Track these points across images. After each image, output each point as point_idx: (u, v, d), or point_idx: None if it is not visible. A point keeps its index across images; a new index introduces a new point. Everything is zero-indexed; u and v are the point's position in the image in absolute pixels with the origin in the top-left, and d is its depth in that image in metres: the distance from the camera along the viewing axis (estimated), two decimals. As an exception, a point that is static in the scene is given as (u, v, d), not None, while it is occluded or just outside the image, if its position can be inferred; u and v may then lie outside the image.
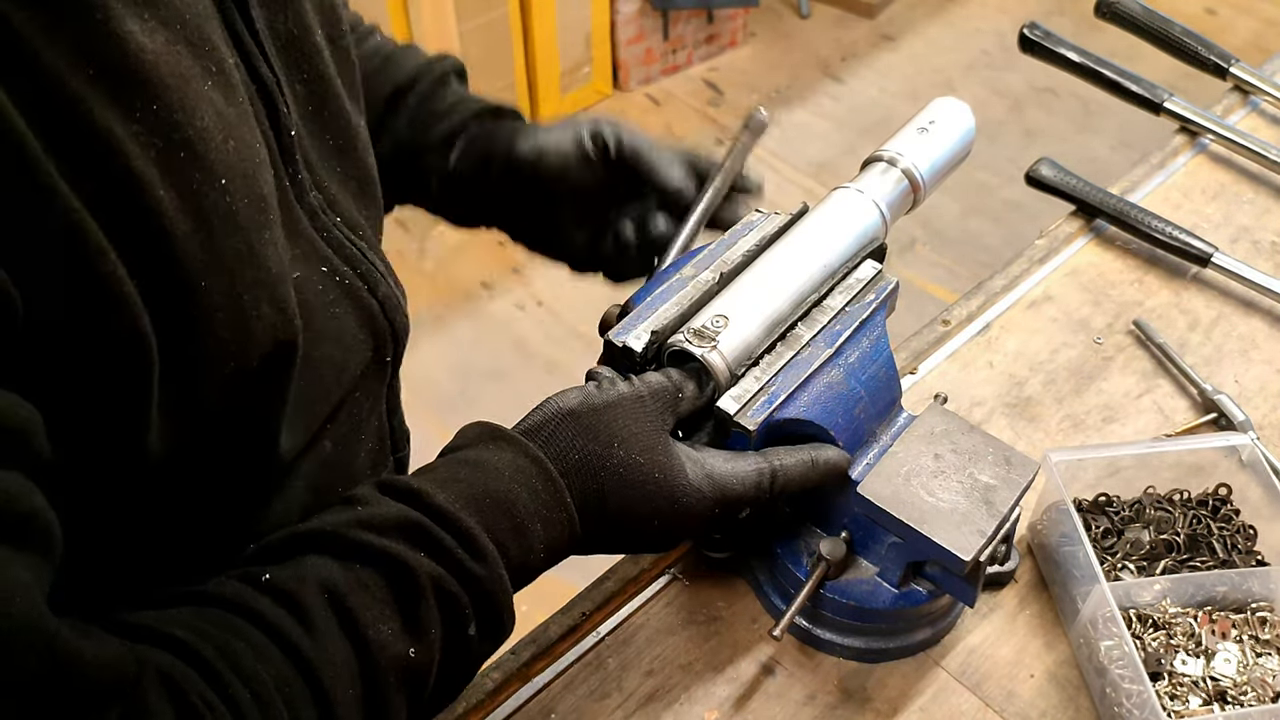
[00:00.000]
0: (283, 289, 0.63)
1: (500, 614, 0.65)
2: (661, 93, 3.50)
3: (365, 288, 0.75)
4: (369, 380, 0.78)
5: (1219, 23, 3.73)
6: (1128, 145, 3.21)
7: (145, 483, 0.60)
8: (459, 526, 0.63)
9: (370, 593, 0.60)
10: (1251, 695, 0.82)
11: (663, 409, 0.72)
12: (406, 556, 0.61)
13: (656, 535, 0.73)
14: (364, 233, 0.76)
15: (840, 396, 0.79)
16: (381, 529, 0.62)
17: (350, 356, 0.74)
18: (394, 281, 0.79)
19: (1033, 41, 1.35)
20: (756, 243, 0.83)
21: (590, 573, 0.92)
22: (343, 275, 0.73)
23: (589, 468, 0.69)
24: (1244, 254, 1.19)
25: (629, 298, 0.81)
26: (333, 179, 0.75)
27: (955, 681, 0.86)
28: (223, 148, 0.58)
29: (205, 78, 0.58)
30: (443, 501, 0.63)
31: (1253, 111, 1.37)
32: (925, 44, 3.73)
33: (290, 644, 0.57)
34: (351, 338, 0.74)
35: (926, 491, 0.77)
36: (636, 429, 0.70)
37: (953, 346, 1.10)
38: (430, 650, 0.61)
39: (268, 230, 0.61)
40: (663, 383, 0.73)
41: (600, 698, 0.84)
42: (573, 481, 0.68)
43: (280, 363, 0.64)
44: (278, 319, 0.62)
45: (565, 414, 0.70)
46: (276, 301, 0.62)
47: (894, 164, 0.86)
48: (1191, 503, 0.94)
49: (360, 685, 0.58)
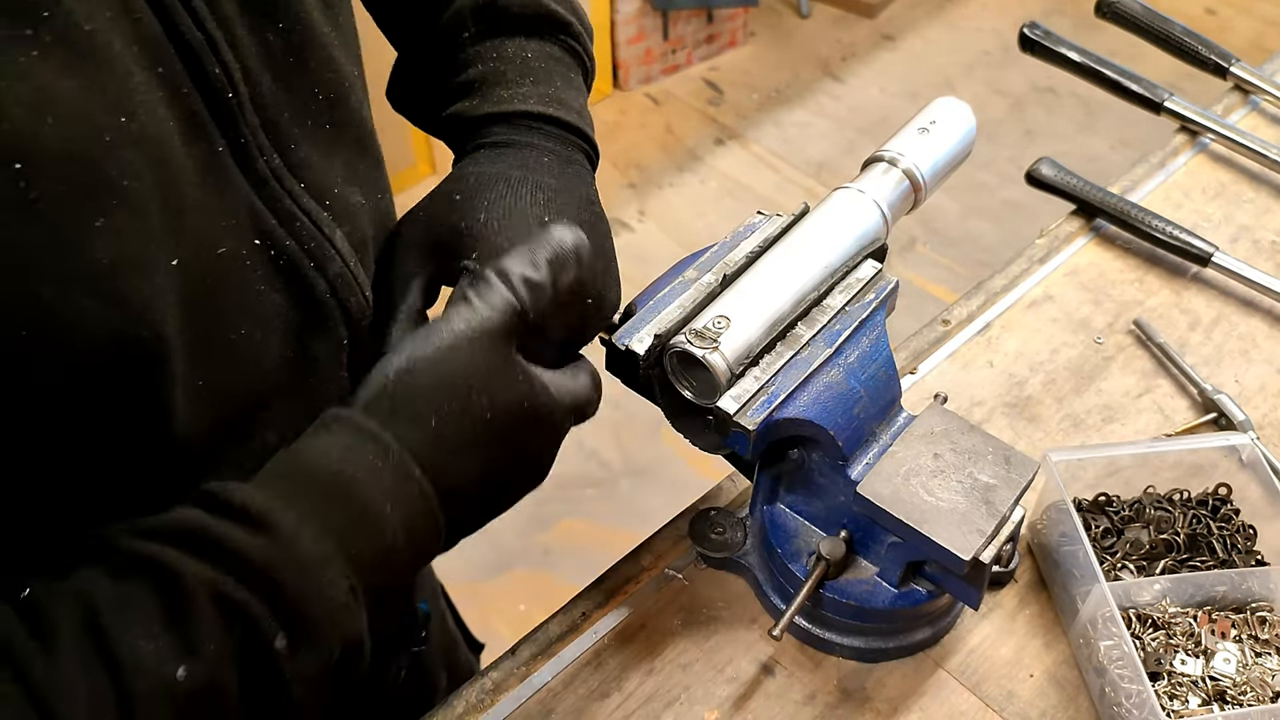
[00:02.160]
0: (122, 281, 0.55)
1: (313, 617, 0.56)
2: (661, 92, 3.51)
3: (311, 264, 0.68)
4: (316, 366, 0.71)
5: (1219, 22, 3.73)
6: (1128, 145, 3.21)
7: (16, 460, 0.55)
8: (251, 517, 0.55)
9: (133, 607, 0.53)
10: (1251, 695, 0.82)
11: (505, 331, 0.64)
12: (175, 562, 0.54)
13: (530, 468, 0.67)
14: (336, 200, 0.70)
15: (840, 396, 0.79)
16: (156, 534, 0.55)
17: (275, 339, 0.67)
18: (358, 260, 0.72)
19: (1033, 41, 1.35)
20: (759, 244, 0.84)
21: (590, 573, 0.92)
22: (283, 250, 0.66)
23: (450, 431, 0.62)
24: (1244, 253, 1.19)
25: (631, 300, 0.81)
26: (309, 139, 0.69)
27: (955, 681, 0.86)
28: (27, 129, 0.51)
29: (29, 47, 0.51)
30: (241, 497, 0.56)
31: (1253, 111, 1.37)
32: (925, 44, 3.73)
33: (21, 670, 0.50)
34: (279, 319, 0.67)
35: (926, 491, 0.77)
36: (489, 364, 0.63)
37: (953, 346, 1.10)
38: (211, 669, 0.53)
39: (103, 217, 0.54)
40: (504, 299, 0.64)
41: (600, 698, 0.84)
42: (437, 455, 0.61)
43: (139, 355, 0.57)
44: (109, 314, 0.54)
45: (397, 379, 0.62)
46: (107, 294, 0.54)
47: (895, 164, 0.86)
48: (1191, 503, 0.94)
49: (117, 713, 0.51)
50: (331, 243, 0.69)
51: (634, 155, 3.30)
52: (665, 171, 3.25)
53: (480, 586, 2.26)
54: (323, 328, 0.71)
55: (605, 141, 3.32)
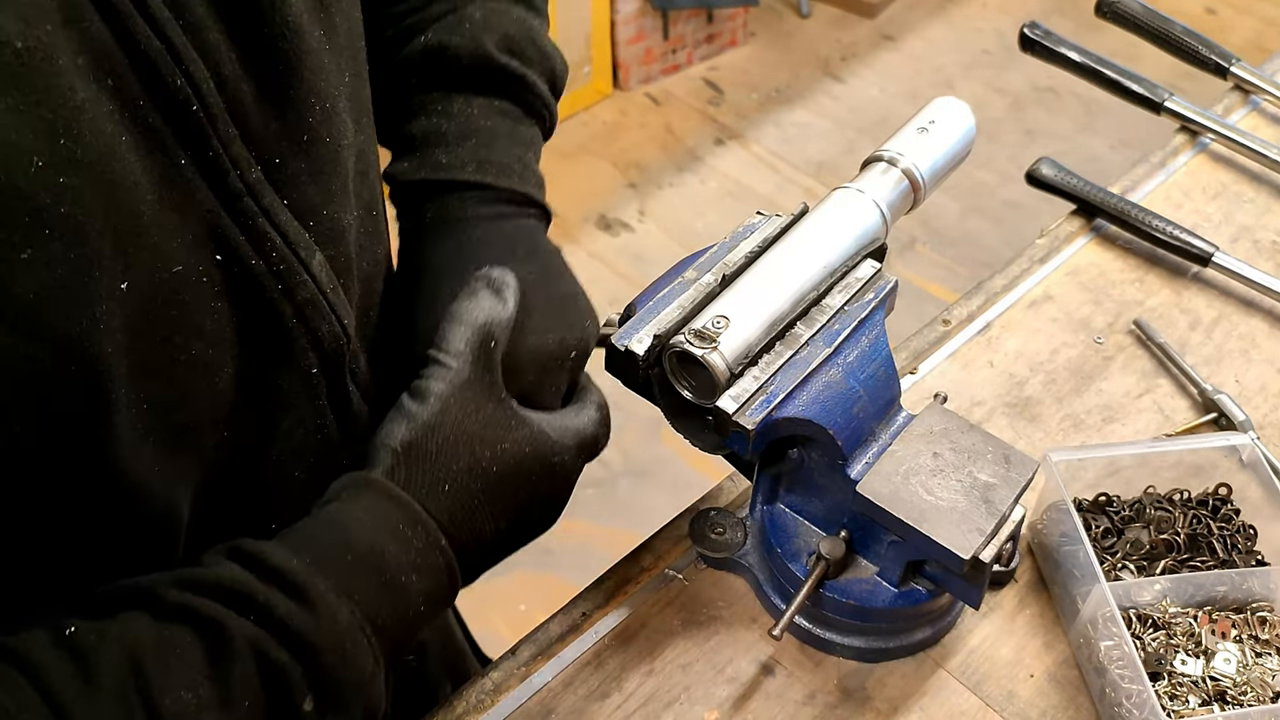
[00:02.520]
0: (52, 313, 0.52)
1: (341, 684, 0.58)
2: (661, 92, 3.51)
3: (280, 288, 0.64)
4: (280, 394, 0.68)
5: (1219, 22, 3.73)
6: (1128, 145, 3.21)
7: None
8: (293, 585, 0.57)
9: (177, 656, 0.54)
10: (1251, 695, 0.82)
11: (488, 377, 0.65)
12: (222, 617, 0.55)
13: (542, 510, 0.68)
14: (322, 221, 0.67)
15: (839, 395, 0.79)
16: (201, 588, 0.56)
17: (229, 361, 0.64)
18: (338, 285, 0.69)
19: (1033, 41, 1.35)
20: (758, 244, 0.83)
21: (590, 573, 0.92)
22: (247, 270, 0.63)
23: (464, 490, 0.63)
24: (1245, 253, 1.19)
25: (631, 301, 0.81)
26: (300, 154, 0.65)
27: (955, 681, 0.86)
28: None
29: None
30: (280, 561, 0.58)
31: (1253, 111, 1.37)
32: (925, 44, 3.73)
33: (60, 706, 0.51)
34: (233, 341, 0.63)
35: (925, 490, 0.77)
36: (483, 417, 0.63)
37: (953, 346, 1.10)
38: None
39: (30, 248, 0.50)
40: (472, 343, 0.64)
41: (600, 698, 0.84)
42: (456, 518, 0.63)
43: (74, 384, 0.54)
44: (36, 348, 0.51)
45: (406, 449, 0.63)
46: (31, 329, 0.51)
47: (894, 164, 0.86)
48: (1191, 503, 0.94)
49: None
50: (307, 267, 0.66)
51: (634, 155, 3.30)
52: (665, 171, 3.25)
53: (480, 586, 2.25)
54: (286, 354, 0.67)
55: (605, 141, 3.33)
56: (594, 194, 3.14)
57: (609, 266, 2.94)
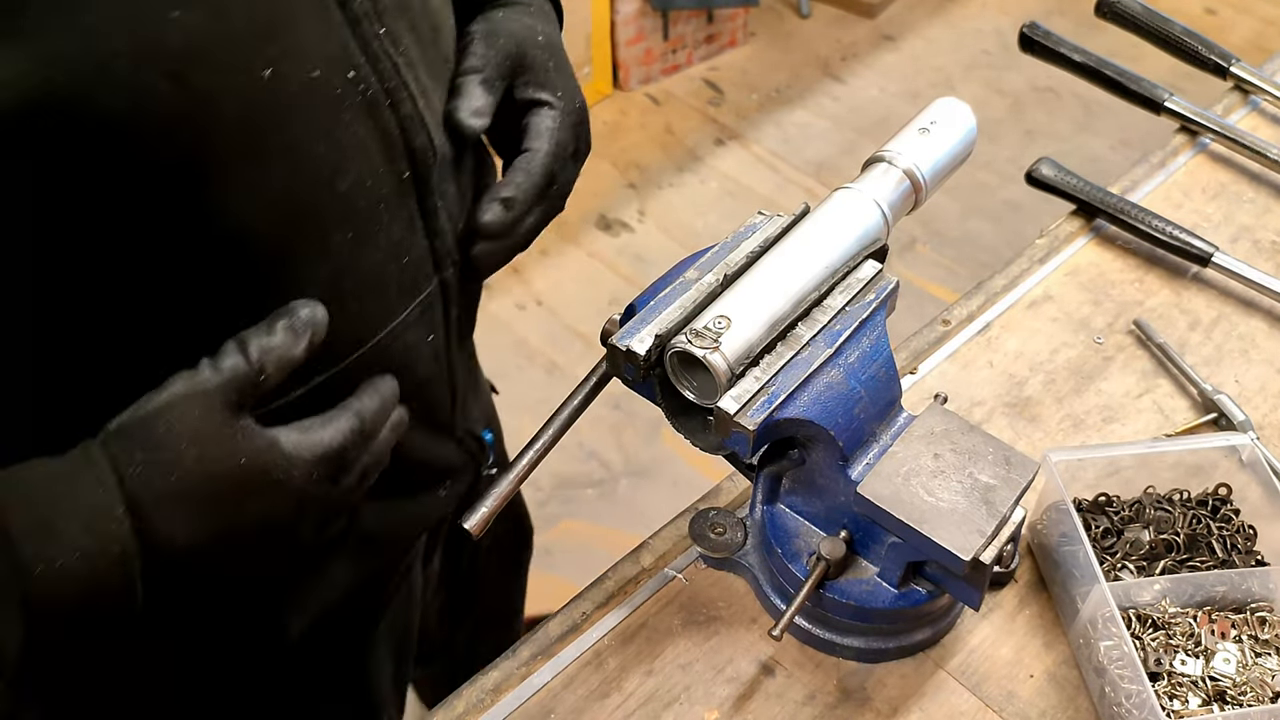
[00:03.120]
0: (190, 69, 0.62)
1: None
2: (661, 92, 3.50)
3: (389, 103, 0.74)
4: (385, 196, 0.76)
5: (1219, 22, 3.73)
6: (1128, 145, 3.21)
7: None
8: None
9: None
10: (1251, 695, 0.82)
11: (223, 392, 0.67)
12: None
13: (260, 531, 0.69)
14: (408, 50, 0.76)
15: (840, 396, 0.79)
16: None
17: (347, 162, 0.72)
18: (426, 106, 0.77)
19: (1033, 41, 1.35)
20: (759, 244, 0.84)
21: (590, 573, 0.92)
22: (368, 85, 0.72)
23: (163, 480, 0.65)
24: (1244, 253, 1.19)
25: (632, 301, 0.81)
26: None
27: (955, 681, 0.86)
28: None
29: None
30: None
31: (1253, 111, 1.37)
32: (925, 44, 3.73)
33: None
34: (352, 145, 0.72)
35: (926, 491, 0.77)
36: (199, 424, 0.66)
37: (953, 346, 1.10)
38: None
39: (178, 10, 0.61)
40: (232, 364, 0.68)
41: (600, 698, 0.84)
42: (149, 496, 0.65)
43: (194, 140, 0.64)
44: (170, 90, 0.61)
45: (126, 424, 0.66)
46: (176, 76, 0.61)
47: (895, 164, 0.86)
48: (1191, 503, 0.94)
49: None
50: (406, 85, 0.75)
51: (634, 155, 3.30)
52: (665, 171, 3.25)
53: (480, 586, 2.25)
54: (393, 162, 0.76)
55: (605, 141, 3.32)
56: (594, 194, 3.14)
57: (609, 266, 2.94)
